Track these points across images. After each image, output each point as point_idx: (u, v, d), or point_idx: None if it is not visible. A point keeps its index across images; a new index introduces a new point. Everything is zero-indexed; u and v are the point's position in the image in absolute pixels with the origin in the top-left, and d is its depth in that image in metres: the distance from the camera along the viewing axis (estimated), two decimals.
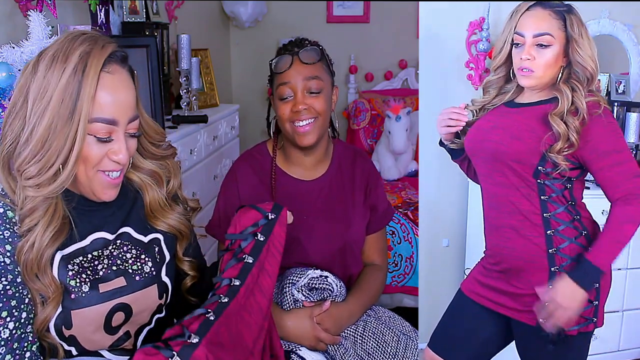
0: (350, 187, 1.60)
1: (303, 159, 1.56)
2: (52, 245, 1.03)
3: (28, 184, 1.00)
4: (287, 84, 1.47)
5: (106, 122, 1.02)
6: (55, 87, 0.98)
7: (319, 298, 1.47)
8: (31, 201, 1.01)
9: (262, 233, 1.18)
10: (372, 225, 1.63)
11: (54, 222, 1.03)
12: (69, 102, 0.98)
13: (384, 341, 1.47)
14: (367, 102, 3.76)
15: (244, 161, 1.60)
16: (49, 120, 0.98)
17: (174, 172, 1.22)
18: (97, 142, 1.03)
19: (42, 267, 1.01)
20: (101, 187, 1.07)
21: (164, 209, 1.20)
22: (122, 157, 1.04)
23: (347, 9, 3.98)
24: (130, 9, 2.44)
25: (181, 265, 1.24)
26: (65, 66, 0.99)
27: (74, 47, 1.00)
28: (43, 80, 0.99)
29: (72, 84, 0.98)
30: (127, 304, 1.10)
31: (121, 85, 1.04)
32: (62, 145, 0.99)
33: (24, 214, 1.02)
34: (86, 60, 0.99)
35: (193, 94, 2.71)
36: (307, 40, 1.54)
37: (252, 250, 1.15)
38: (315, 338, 1.43)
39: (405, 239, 2.75)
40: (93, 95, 0.99)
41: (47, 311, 1.03)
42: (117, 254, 1.12)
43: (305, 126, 1.47)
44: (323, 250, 1.53)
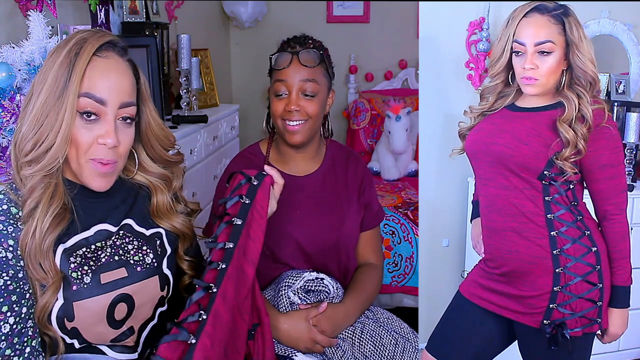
0: (344, 184, 1.60)
1: (294, 155, 1.57)
2: (54, 230, 1.05)
3: (24, 160, 1.05)
4: (283, 81, 1.47)
5: (95, 99, 1.05)
6: (51, 68, 1.05)
7: (315, 300, 1.47)
8: (30, 180, 1.04)
9: (246, 196, 1.19)
10: (367, 222, 1.63)
11: (54, 204, 1.05)
12: (61, 80, 1.03)
13: (382, 344, 1.47)
14: (367, 102, 3.76)
15: (237, 161, 1.60)
16: (43, 98, 1.04)
17: (177, 174, 1.25)
18: (85, 124, 1.05)
19: (44, 252, 1.03)
20: (91, 175, 1.08)
21: (169, 212, 1.23)
22: (110, 141, 1.06)
23: (347, 9, 3.98)
24: (130, 9, 2.44)
25: (181, 263, 1.25)
26: (63, 50, 1.05)
27: (75, 35, 1.08)
28: (45, 66, 1.06)
29: (65, 63, 1.04)
30: (129, 295, 1.12)
31: (114, 69, 1.07)
32: (53, 121, 1.03)
33: (25, 195, 1.05)
34: (81, 45, 1.05)
35: (193, 94, 2.71)
36: (311, 39, 1.54)
37: (239, 213, 1.17)
38: (311, 340, 1.42)
39: (405, 239, 2.76)
40: (83, 72, 1.04)
41: (46, 297, 1.04)
42: (120, 244, 1.14)
43: (295, 126, 1.48)
44: (317, 244, 1.53)
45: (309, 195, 1.56)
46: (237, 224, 1.15)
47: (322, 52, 1.51)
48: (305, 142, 1.52)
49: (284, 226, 1.52)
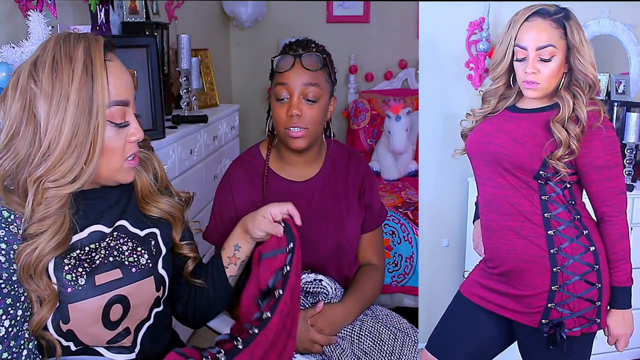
0: (344, 187, 1.59)
1: (295, 158, 1.56)
2: (53, 253, 1.04)
3: (51, 185, 1.01)
4: (285, 85, 1.46)
5: (121, 104, 1.07)
6: (70, 88, 1.00)
7: (314, 302, 1.47)
8: (44, 209, 1.02)
9: (287, 264, 1.26)
10: (368, 223, 1.63)
11: (60, 233, 1.04)
12: (86, 98, 1.01)
13: (381, 339, 1.47)
14: (367, 102, 3.76)
15: (236, 166, 1.59)
16: (72, 120, 1.00)
17: (157, 162, 1.25)
18: (116, 130, 1.07)
19: (38, 271, 1.02)
20: (126, 173, 1.12)
21: (153, 194, 1.22)
22: (140, 135, 1.11)
23: (347, 9, 3.99)
24: (130, 9, 2.44)
25: (181, 250, 1.26)
26: (73, 66, 1.01)
27: (72, 47, 1.03)
28: (52, 90, 1.00)
29: (86, 79, 1.01)
30: (124, 296, 1.11)
31: (122, 68, 1.10)
32: (87, 140, 1.02)
33: (33, 221, 1.02)
34: (90, 55, 1.03)
35: (193, 94, 2.71)
36: (314, 43, 1.52)
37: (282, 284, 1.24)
38: (309, 341, 1.42)
39: (405, 239, 2.75)
40: (106, 84, 1.04)
41: (42, 313, 1.03)
42: (114, 246, 1.14)
43: (297, 134, 1.46)
44: (316, 251, 1.53)
45: (308, 201, 1.55)
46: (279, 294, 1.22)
47: (325, 57, 1.50)
48: (307, 148, 1.51)
49: None
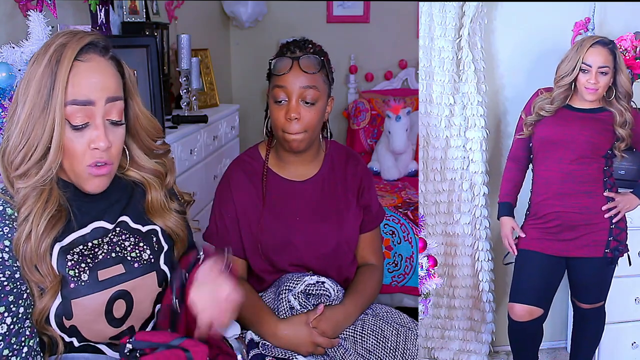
0: (343, 187, 1.59)
1: (293, 159, 1.55)
2: (50, 233, 1.04)
3: (15, 174, 1.04)
4: (283, 87, 1.44)
5: (81, 103, 1.04)
6: (34, 76, 1.03)
7: (316, 304, 1.47)
8: (22, 190, 1.04)
9: None
10: (366, 223, 1.63)
11: (48, 208, 1.05)
12: (44, 91, 1.02)
13: (384, 337, 1.47)
14: (367, 102, 3.76)
15: (236, 166, 1.59)
16: (28, 109, 1.03)
17: (169, 168, 1.25)
18: (75, 132, 1.05)
19: (40, 256, 1.03)
20: (88, 179, 1.09)
21: (163, 210, 1.23)
22: (102, 144, 1.05)
23: (347, 9, 3.99)
24: (130, 9, 2.44)
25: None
26: (44, 58, 1.03)
27: (54, 41, 1.06)
28: (27, 75, 1.05)
29: (47, 72, 1.02)
30: (127, 292, 1.12)
31: (97, 70, 1.06)
32: (40, 133, 1.03)
33: (18, 204, 1.05)
34: (61, 51, 1.03)
35: (193, 94, 2.71)
36: (311, 43, 1.51)
37: None
38: (312, 344, 1.42)
39: (405, 239, 2.75)
40: (66, 81, 1.02)
41: (44, 300, 1.04)
42: (116, 241, 1.14)
43: (294, 137, 1.46)
44: (316, 251, 1.53)
45: (307, 201, 1.56)
46: None
47: (323, 58, 1.49)
48: (305, 149, 1.51)
49: (283, 233, 1.52)
